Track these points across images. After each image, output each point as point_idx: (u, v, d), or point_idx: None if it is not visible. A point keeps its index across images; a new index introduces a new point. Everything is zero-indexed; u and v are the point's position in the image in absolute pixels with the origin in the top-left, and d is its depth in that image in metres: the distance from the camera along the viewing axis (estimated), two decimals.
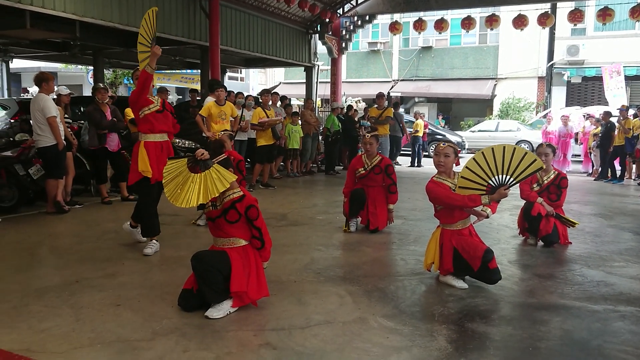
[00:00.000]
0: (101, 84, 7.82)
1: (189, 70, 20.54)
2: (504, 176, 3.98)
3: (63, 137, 6.74)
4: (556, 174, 5.62)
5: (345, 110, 13.38)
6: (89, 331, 3.18)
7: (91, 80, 19.84)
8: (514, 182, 3.99)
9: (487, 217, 4.12)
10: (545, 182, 5.57)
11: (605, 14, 13.25)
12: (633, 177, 12.06)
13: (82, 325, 3.27)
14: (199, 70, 14.27)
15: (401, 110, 23.70)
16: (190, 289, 3.55)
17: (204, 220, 6.09)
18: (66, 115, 7.41)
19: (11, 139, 7.16)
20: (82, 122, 8.04)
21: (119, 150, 7.71)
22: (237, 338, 3.15)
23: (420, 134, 15.15)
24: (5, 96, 16.53)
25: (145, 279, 4.22)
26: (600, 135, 12.39)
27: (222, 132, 5.93)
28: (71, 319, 3.37)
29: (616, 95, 17.54)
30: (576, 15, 13.78)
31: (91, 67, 17.83)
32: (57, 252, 5.06)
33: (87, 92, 22.38)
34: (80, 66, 23.04)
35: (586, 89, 23.48)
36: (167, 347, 2.98)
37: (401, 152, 15.01)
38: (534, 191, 5.50)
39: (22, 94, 24.26)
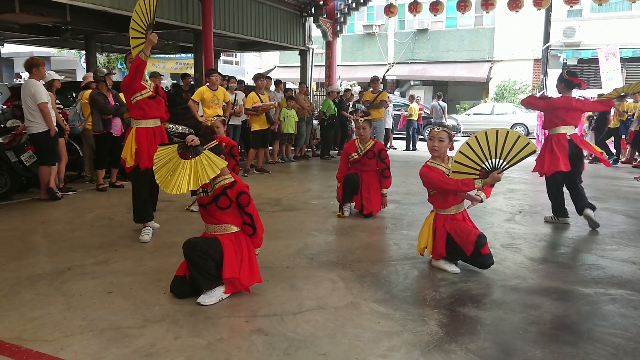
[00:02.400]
0: (105, 70, 7.66)
1: (183, 55, 20.33)
2: (498, 160, 3.97)
3: (55, 123, 6.68)
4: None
5: (341, 94, 13.31)
6: (80, 319, 3.17)
7: (84, 65, 19.64)
8: (508, 166, 3.98)
9: (481, 201, 4.11)
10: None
11: None
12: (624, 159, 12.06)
13: (74, 312, 3.27)
14: (193, 55, 14.14)
15: (397, 93, 23.67)
16: (182, 275, 3.55)
17: (197, 206, 6.08)
18: (57, 101, 7.34)
19: (2, 125, 7.10)
20: (74, 105, 7.96)
21: (122, 135, 7.62)
22: (229, 324, 3.15)
23: (415, 118, 15.10)
24: None
25: (138, 266, 4.21)
26: (595, 118, 12.39)
27: (215, 118, 5.87)
28: (63, 306, 3.36)
29: (611, 78, 17.46)
30: None
31: (84, 52, 17.64)
32: (50, 239, 5.04)
33: (80, 76, 22.17)
34: (73, 51, 22.83)
35: (582, 71, 23.39)
36: (158, 334, 2.98)
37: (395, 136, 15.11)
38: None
39: (15, 79, 24.07)
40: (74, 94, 10.03)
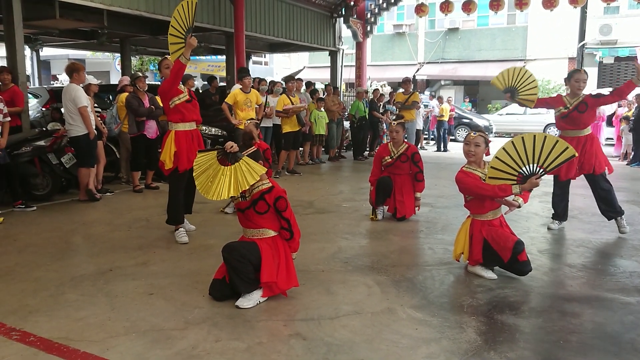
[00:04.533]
0: (140, 73, 7.85)
1: (214, 57, 20.58)
2: (535, 165, 3.93)
3: (94, 127, 6.86)
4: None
5: (371, 96, 13.27)
6: (124, 320, 3.27)
7: (118, 67, 20.07)
8: (546, 171, 3.93)
9: (519, 207, 4.07)
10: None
11: None
12: None
13: (117, 313, 3.37)
14: (224, 57, 14.32)
15: (427, 93, 23.52)
16: (221, 278, 3.61)
17: (232, 207, 6.17)
18: (96, 105, 7.53)
19: (44, 128, 7.33)
20: (111, 109, 8.16)
21: (157, 138, 7.77)
22: (268, 328, 3.20)
23: (446, 119, 14.97)
24: (36, 84, 16.86)
25: (176, 268, 4.30)
26: (633, 118, 12.07)
27: (249, 121, 5.95)
28: (106, 307, 3.47)
29: None
30: None
31: (118, 54, 18.03)
32: (91, 240, 5.19)
33: (114, 79, 22.68)
34: (107, 53, 23.31)
35: (619, 70, 22.81)
36: (199, 337, 3.04)
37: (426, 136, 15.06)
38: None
39: (51, 81, 24.73)
40: (110, 97, 10.28)
